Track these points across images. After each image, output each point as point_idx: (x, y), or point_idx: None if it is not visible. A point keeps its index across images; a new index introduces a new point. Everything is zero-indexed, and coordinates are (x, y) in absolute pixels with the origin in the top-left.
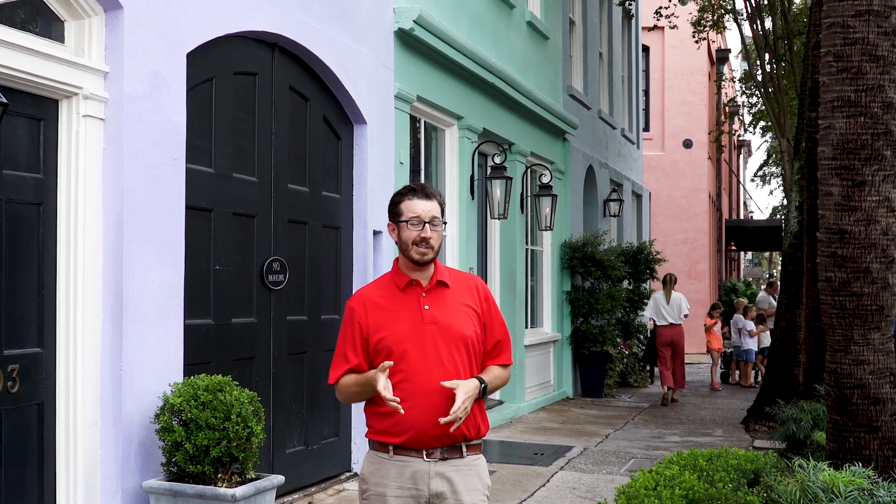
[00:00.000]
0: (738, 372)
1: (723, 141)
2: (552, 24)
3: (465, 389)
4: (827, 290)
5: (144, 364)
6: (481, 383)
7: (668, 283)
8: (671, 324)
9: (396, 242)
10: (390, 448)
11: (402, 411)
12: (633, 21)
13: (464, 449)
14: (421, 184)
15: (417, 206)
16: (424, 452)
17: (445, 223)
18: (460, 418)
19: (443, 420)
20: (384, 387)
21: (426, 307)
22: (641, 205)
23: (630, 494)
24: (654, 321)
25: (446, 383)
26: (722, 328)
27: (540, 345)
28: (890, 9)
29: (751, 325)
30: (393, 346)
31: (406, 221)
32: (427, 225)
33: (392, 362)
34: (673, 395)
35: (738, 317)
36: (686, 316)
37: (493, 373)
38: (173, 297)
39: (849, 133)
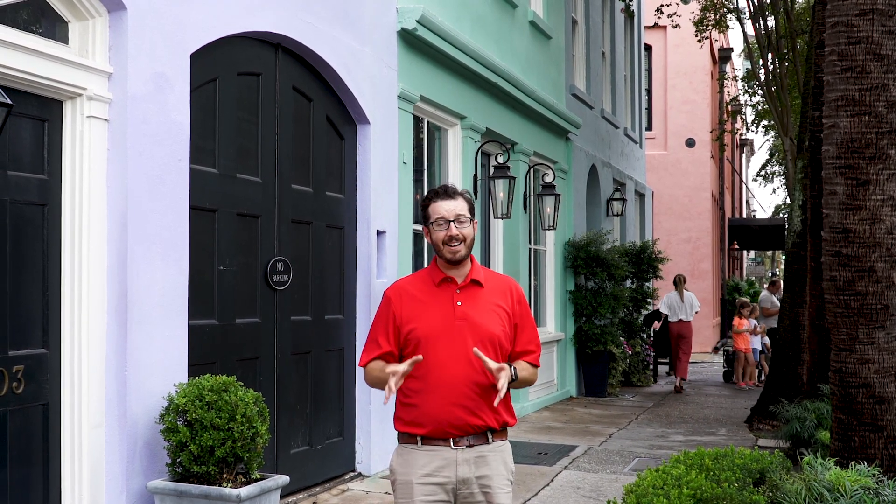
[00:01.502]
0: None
1: (725, 140)
2: (555, 23)
3: (506, 374)
4: (831, 289)
5: (149, 364)
6: (514, 373)
7: (680, 283)
8: (681, 320)
9: (432, 245)
10: (418, 439)
11: (388, 392)
12: (636, 20)
13: (489, 435)
14: (444, 185)
15: (441, 208)
16: (452, 441)
17: (469, 219)
18: (502, 388)
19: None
20: (393, 372)
21: (458, 303)
22: (644, 204)
23: (639, 493)
24: (668, 317)
25: (480, 353)
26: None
27: (543, 344)
28: (894, 8)
29: (753, 323)
30: (422, 338)
31: (433, 223)
32: (452, 223)
33: (420, 357)
34: (679, 384)
35: None
36: (696, 312)
37: (522, 366)
38: (177, 298)
39: (853, 132)
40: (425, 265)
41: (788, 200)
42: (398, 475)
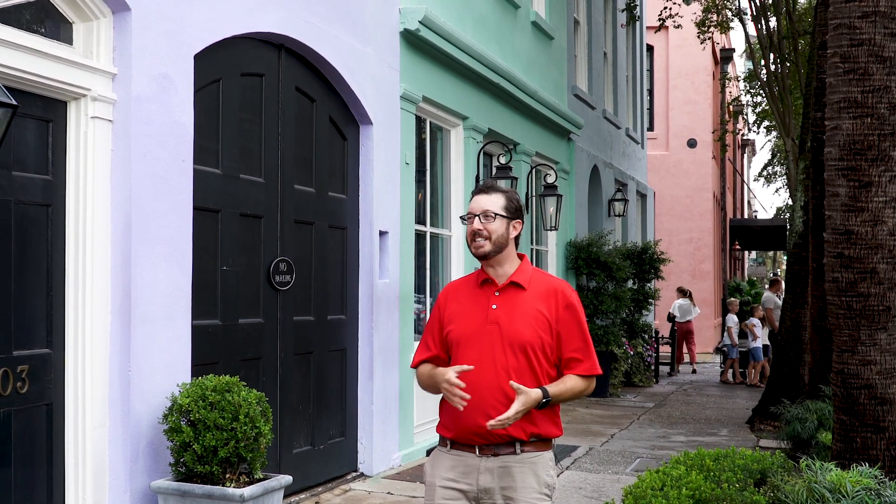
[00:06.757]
0: (737, 370)
1: (727, 140)
2: (557, 24)
3: (523, 400)
4: (834, 290)
5: (152, 364)
6: (544, 396)
7: (689, 295)
8: (688, 320)
9: None
10: (448, 442)
11: (461, 407)
12: (638, 21)
13: (517, 446)
14: (488, 180)
15: (473, 203)
16: (477, 448)
17: (499, 215)
18: (504, 425)
19: (488, 424)
20: (450, 378)
21: (493, 307)
22: (646, 204)
23: (637, 494)
24: (677, 318)
25: (515, 385)
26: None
27: None
28: None
29: (753, 322)
30: (455, 341)
31: (464, 219)
32: (476, 218)
33: (470, 367)
34: (693, 367)
35: (731, 317)
36: (698, 313)
37: (566, 384)
38: (181, 298)
39: (855, 134)
40: (427, 265)
41: (790, 201)
42: (427, 476)
